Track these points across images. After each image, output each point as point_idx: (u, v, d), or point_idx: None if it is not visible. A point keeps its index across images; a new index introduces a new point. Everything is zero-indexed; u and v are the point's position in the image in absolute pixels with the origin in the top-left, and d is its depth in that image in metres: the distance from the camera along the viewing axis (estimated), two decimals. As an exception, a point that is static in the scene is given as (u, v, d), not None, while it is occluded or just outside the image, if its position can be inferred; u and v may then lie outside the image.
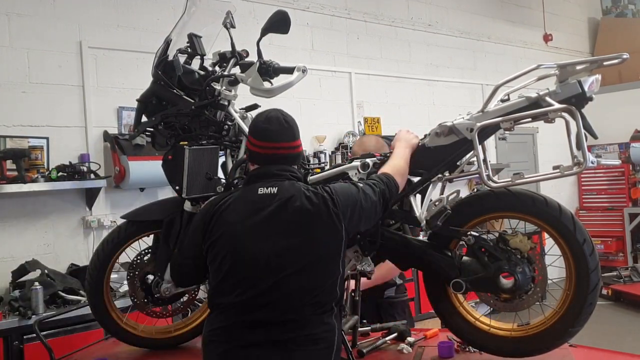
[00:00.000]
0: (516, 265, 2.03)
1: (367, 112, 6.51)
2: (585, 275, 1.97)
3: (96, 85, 4.60)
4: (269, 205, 1.90)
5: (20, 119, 4.22)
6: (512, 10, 8.55)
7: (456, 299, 2.21)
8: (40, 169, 4.10)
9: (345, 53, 6.44)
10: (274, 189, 1.93)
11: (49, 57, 4.39)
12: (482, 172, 2.02)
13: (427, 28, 7.31)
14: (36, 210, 4.25)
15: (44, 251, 4.26)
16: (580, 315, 1.99)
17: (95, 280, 2.48)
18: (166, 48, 2.45)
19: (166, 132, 2.43)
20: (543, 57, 8.47)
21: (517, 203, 2.06)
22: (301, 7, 6.03)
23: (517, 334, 2.11)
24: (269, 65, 2.37)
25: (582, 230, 2.00)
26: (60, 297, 3.76)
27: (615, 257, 8.61)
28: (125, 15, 4.82)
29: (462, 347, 2.30)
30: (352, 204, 1.94)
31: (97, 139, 4.56)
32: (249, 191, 1.97)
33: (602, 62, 1.94)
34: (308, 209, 1.88)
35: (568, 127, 1.87)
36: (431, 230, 2.14)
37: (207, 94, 2.38)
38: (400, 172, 2.13)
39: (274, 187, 1.93)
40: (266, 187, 1.94)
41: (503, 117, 2.00)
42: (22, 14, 4.30)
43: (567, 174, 1.92)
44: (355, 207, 1.94)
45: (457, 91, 7.48)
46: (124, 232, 2.49)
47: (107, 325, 2.57)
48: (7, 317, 3.55)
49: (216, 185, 2.36)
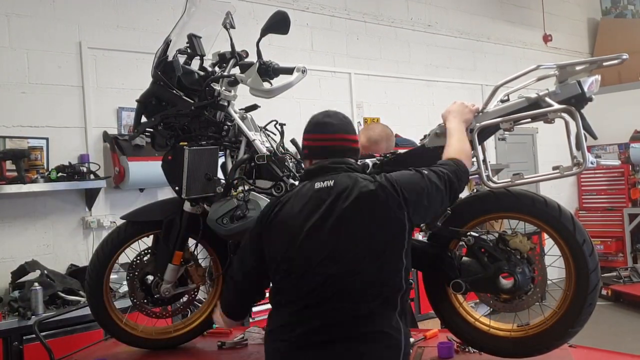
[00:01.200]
0: (516, 265, 2.03)
1: (367, 112, 6.51)
2: (584, 275, 1.97)
3: (96, 85, 4.60)
4: (326, 199, 1.85)
5: (19, 119, 4.22)
6: (512, 10, 8.55)
7: (456, 300, 2.21)
8: (40, 169, 4.09)
9: (344, 53, 6.44)
10: (331, 182, 1.89)
11: (48, 58, 4.39)
12: (481, 173, 2.02)
13: (426, 28, 7.32)
14: (36, 210, 4.25)
15: (44, 252, 4.26)
16: (580, 316, 1.99)
17: (94, 281, 2.48)
18: (166, 48, 2.45)
19: (166, 132, 2.43)
20: (542, 58, 8.47)
21: (517, 203, 2.06)
22: (301, 7, 6.03)
23: (517, 334, 2.11)
24: (269, 66, 2.37)
25: (581, 231, 2.00)
26: (59, 297, 3.75)
27: (614, 258, 8.60)
28: (125, 15, 4.82)
29: (461, 348, 2.30)
30: (417, 191, 1.84)
31: (96, 139, 4.56)
32: (305, 187, 1.94)
33: (601, 63, 1.94)
34: (366, 199, 1.81)
35: (568, 127, 1.87)
36: (431, 230, 2.14)
37: (206, 95, 2.38)
38: (466, 153, 2.01)
39: (330, 181, 1.89)
40: (322, 181, 1.90)
41: (503, 118, 2.01)
42: (22, 15, 4.30)
43: (566, 175, 1.92)
44: (420, 196, 1.84)
45: (457, 92, 7.47)
46: (124, 233, 2.49)
47: (106, 326, 2.57)
48: (7, 317, 3.55)
49: (216, 185, 2.36)
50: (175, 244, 2.40)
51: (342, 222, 1.82)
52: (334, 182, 1.88)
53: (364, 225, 1.82)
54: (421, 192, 1.85)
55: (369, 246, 1.81)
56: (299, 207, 1.90)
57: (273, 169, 2.32)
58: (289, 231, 1.88)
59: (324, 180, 1.90)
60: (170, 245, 2.40)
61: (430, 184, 1.86)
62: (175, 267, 2.42)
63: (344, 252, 1.81)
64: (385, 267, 1.82)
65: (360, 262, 1.80)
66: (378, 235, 1.82)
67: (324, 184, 1.89)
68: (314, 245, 1.83)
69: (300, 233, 1.85)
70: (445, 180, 1.90)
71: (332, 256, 1.81)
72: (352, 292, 1.79)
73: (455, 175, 1.92)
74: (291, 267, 1.86)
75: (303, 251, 1.84)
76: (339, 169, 1.94)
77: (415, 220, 1.89)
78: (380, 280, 1.81)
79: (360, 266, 1.80)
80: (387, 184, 1.84)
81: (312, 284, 1.82)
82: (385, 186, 1.83)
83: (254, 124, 2.48)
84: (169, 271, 2.42)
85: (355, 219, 1.82)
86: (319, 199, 1.87)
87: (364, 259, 1.80)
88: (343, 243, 1.82)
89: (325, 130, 1.99)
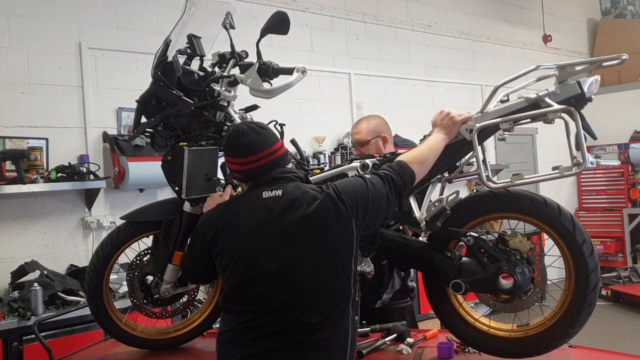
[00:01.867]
0: (515, 266, 2.03)
1: (367, 112, 6.49)
2: (584, 275, 1.97)
3: (95, 86, 4.60)
4: (275, 209, 1.87)
5: (19, 119, 4.22)
6: (511, 11, 8.56)
7: (456, 300, 2.21)
8: (40, 169, 4.09)
9: (344, 54, 6.44)
10: (279, 191, 1.90)
11: (48, 58, 4.39)
12: (481, 173, 2.02)
13: (426, 29, 7.32)
14: (35, 211, 4.25)
15: (43, 252, 4.26)
16: (580, 316, 1.99)
17: (94, 281, 2.48)
18: (165, 49, 2.45)
19: (165, 132, 2.42)
20: (542, 58, 8.48)
21: (517, 204, 2.05)
22: (301, 7, 6.03)
23: (517, 334, 2.11)
24: (269, 66, 2.37)
25: (581, 231, 2.00)
26: (59, 297, 3.76)
27: (614, 258, 8.61)
28: (124, 16, 4.82)
29: (461, 348, 2.30)
30: (361, 197, 1.88)
31: (96, 139, 4.56)
32: (254, 196, 1.93)
33: (601, 63, 1.94)
34: (314, 209, 1.84)
35: (567, 127, 1.87)
36: (431, 231, 2.14)
37: (206, 95, 2.37)
38: (418, 160, 2.04)
39: (278, 190, 1.90)
40: (270, 190, 1.91)
41: (502, 118, 2.01)
42: (22, 15, 4.30)
43: (566, 175, 1.92)
44: (364, 201, 1.88)
45: (457, 92, 7.49)
46: (124, 233, 2.49)
47: (106, 326, 2.56)
48: (7, 318, 3.55)
49: (215, 186, 2.36)
50: (175, 244, 2.40)
51: (291, 233, 1.84)
52: (282, 191, 1.89)
53: (313, 235, 1.84)
54: (366, 197, 1.89)
55: (319, 256, 1.84)
56: (247, 218, 1.90)
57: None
58: (238, 240, 1.88)
59: (271, 190, 1.90)
60: (170, 245, 2.40)
61: (375, 188, 1.91)
62: (175, 267, 2.41)
63: (294, 261, 1.83)
64: (334, 275, 1.85)
65: (310, 271, 1.83)
66: (327, 245, 1.85)
67: (272, 193, 1.90)
68: (263, 254, 1.84)
69: (250, 245, 1.86)
70: (389, 181, 1.94)
71: (281, 266, 1.83)
72: (302, 301, 1.82)
73: (399, 176, 1.97)
74: (240, 275, 1.87)
75: (252, 260, 1.85)
76: (285, 178, 1.95)
77: (361, 225, 1.90)
78: (329, 289, 1.84)
79: (310, 275, 1.82)
80: (334, 194, 1.87)
81: (262, 292, 1.84)
82: (333, 196, 1.86)
83: (253, 124, 2.48)
84: (169, 271, 2.41)
85: (305, 229, 1.84)
86: (268, 208, 1.88)
87: (314, 268, 1.83)
88: (292, 253, 1.83)
89: (249, 152, 1.95)
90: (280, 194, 1.89)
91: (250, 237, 1.87)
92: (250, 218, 1.89)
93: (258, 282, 1.85)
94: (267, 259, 1.84)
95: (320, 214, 1.85)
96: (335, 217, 1.85)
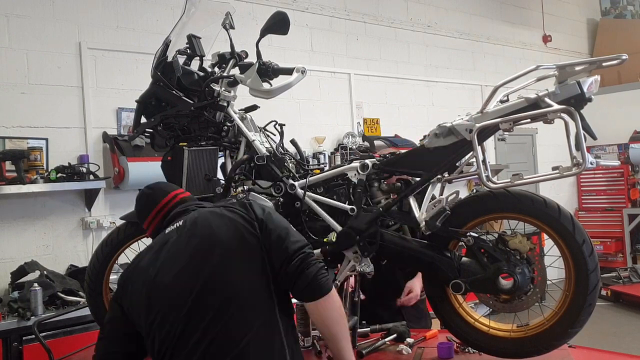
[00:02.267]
0: (515, 266, 2.03)
1: (367, 113, 6.51)
2: (584, 276, 1.97)
3: (95, 86, 4.60)
4: (173, 237, 1.84)
5: (19, 120, 4.22)
6: (511, 11, 8.56)
7: (455, 300, 2.21)
8: (40, 170, 4.09)
9: (344, 54, 6.44)
10: (180, 222, 1.89)
11: (48, 58, 4.39)
12: (481, 173, 2.02)
13: (426, 29, 7.32)
14: (35, 211, 4.25)
15: (43, 252, 4.26)
16: (580, 316, 1.99)
17: (94, 282, 2.48)
18: (165, 49, 2.45)
19: (165, 133, 2.43)
20: (542, 58, 8.48)
21: (516, 204, 2.05)
22: (300, 8, 6.03)
23: (517, 334, 2.10)
24: (268, 66, 2.37)
25: (581, 231, 2.00)
26: (59, 298, 3.76)
27: (614, 258, 8.61)
28: (124, 16, 4.82)
29: (461, 348, 2.30)
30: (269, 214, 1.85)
31: (96, 140, 4.56)
32: (158, 237, 1.93)
33: (601, 63, 1.94)
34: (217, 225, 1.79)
35: (567, 128, 1.87)
36: (430, 231, 2.14)
37: (206, 95, 2.38)
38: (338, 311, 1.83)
39: (179, 221, 1.89)
40: (173, 224, 1.91)
41: (502, 118, 2.00)
42: (22, 15, 4.30)
43: (566, 175, 1.92)
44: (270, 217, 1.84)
45: (456, 92, 7.49)
46: (123, 233, 2.49)
47: (106, 327, 2.56)
48: (7, 318, 3.55)
49: (215, 186, 2.36)
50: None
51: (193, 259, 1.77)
52: (182, 221, 1.88)
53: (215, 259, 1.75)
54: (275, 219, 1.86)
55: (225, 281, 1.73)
56: (151, 257, 1.85)
57: (272, 170, 2.32)
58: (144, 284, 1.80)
59: (174, 224, 1.91)
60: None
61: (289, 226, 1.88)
62: (174, 267, 2.41)
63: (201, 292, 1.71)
64: (250, 304, 1.72)
65: (221, 301, 1.71)
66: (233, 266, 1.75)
67: (174, 226, 1.89)
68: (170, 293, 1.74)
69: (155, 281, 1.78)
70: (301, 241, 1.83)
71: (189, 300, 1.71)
72: (229, 335, 1.68)
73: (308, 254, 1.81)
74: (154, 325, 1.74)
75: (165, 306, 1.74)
76: (186, 211, 1.95)
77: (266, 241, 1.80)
78: (254, 322, 1.70)
79: (223, 305, 1.70)
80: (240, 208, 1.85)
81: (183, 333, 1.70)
82: (239, 209, 1.84)
83: (253, 125, 2.48)
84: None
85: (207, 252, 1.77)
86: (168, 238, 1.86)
87: (224, 297, 1.71)
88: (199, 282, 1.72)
89: (151, 207, 2.00)
90: (181, 224, 1.88)
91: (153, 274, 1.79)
92: (153, 256, 1.85)
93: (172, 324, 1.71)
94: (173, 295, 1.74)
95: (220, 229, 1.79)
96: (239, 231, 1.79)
